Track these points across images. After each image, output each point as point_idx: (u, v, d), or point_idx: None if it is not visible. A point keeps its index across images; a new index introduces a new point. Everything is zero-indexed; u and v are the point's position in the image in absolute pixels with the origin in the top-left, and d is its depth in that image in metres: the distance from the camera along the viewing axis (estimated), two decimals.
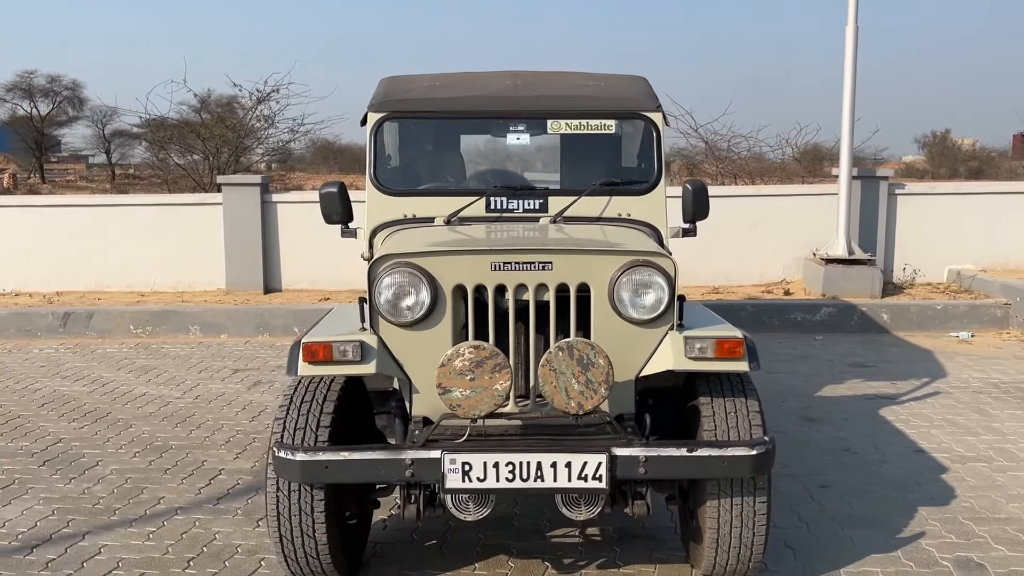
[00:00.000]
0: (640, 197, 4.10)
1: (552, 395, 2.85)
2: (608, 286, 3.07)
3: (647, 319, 3.08)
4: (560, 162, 4.74)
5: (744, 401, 3.16)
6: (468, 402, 2.84)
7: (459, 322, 3.12)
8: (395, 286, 3.04)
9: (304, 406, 3.13)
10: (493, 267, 3.06)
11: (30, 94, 39.36)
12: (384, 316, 3.07)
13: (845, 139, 8.72)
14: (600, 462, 2.87)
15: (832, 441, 5.02)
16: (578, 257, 3.09)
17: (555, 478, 2.89)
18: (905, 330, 8.06)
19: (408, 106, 4.18)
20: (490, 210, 4.01)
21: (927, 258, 9.20)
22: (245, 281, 9.13)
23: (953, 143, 34.28)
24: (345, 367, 3.02)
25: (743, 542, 3.10)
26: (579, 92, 4.35)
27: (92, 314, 8.17)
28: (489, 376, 2.83)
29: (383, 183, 4.11)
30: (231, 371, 6.83)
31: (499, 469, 2.88)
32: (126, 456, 4.87)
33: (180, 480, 4.49)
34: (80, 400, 6.02)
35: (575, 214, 3.97)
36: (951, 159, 31.83)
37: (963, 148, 33.67)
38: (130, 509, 4.11)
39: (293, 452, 2.91)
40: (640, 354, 3.12)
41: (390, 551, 3.64)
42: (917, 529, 3.80)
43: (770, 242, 9.26)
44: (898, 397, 5.91)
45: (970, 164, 30.38)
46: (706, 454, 2.90)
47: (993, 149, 32.55)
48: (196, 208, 9.38)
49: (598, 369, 2.85)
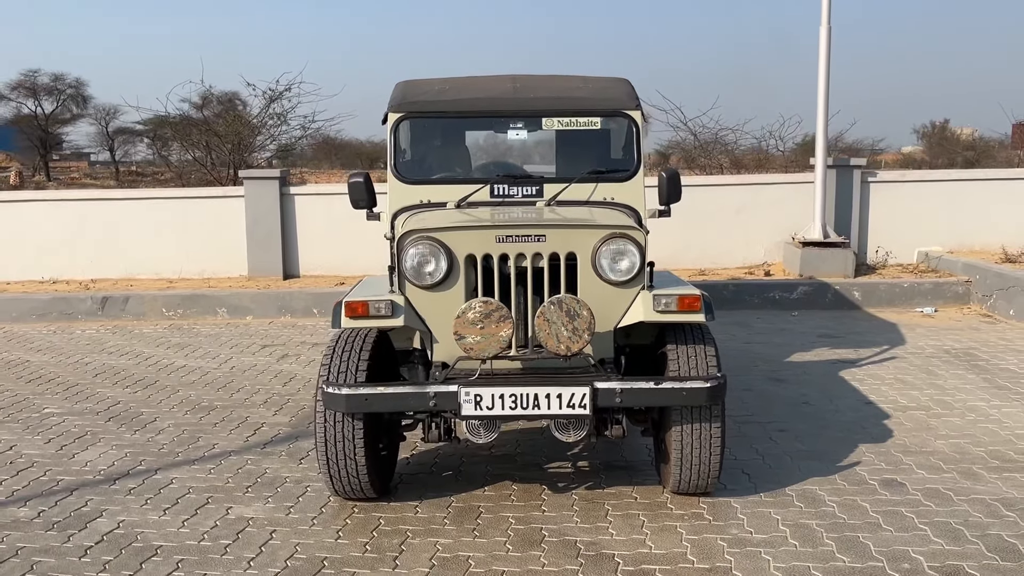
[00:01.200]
0: (622, 184, 4.81)
1: (546, 340, 3.58)
2: (591, 254, 3.80)
3: (623, 281, 3.81)
4: (556, 154, 5.45)
5: (703, 347, 3.89)
6: (479, 346, 3.57)
7: (471, 284, 3.84)
8: (419, 255, 3.77)
9: (345, 354, 3.86)
10: (498, 240, 3.78)
11: (34, 92, 39.92)
12: (410, 280, 3.79)
13: (820, 131, 9.43)
14: (584, 393, 3.60)
15: (794, 396, 5.74)
16: (567, 231, 3.82)
17: (548, 406, 3.61)
18: (875, 306, 8.78)
19: (423, 107, 4.90)
20: (494, 196, 4.73)
21: (898, 241, 9.92)
22: (266, 268, 9.86)
23: (952, 133, 34.35)
24: (379, 320, 3.75)
25: (702, 460, 3.83)
26: (570, 94, 5.06)
27: (128, 298, 8.90)
28: (495, 325, 3.56)
29: (402, 173, 4.83)
30: (260, 346, 7.56)
31: (504, 399, 3.60)
32: (179, 414, 5.60)
33: (229, 431, 5.22)
34: (128, 371, 6.75)
35: (567, 198, 4.69)
36: (949, 149, 31.99)
37: (962, 138, 33.76)
38: (191, 452, 4.85)
39: (339, 387, 3.64)
40: (618, 309, 3.85)
41: (414, 479, 4.37)
42: (854, 460, 4.53)
43: (753, 227, 9.98)
44: (858, 361, 6.63)
45: (968, 154, 30.64)
46: (669, 386, 3.63)
47: (992, 139, 32.64)
48: (219, 200, 10.11)
49: (582, 319, 3.57)
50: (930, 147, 33.80)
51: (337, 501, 4.08)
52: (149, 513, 4.01)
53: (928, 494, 4.06)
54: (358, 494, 3.97)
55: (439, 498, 4.12)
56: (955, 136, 33.93)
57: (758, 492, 4.12)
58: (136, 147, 36.43)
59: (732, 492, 4.13)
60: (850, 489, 4.14)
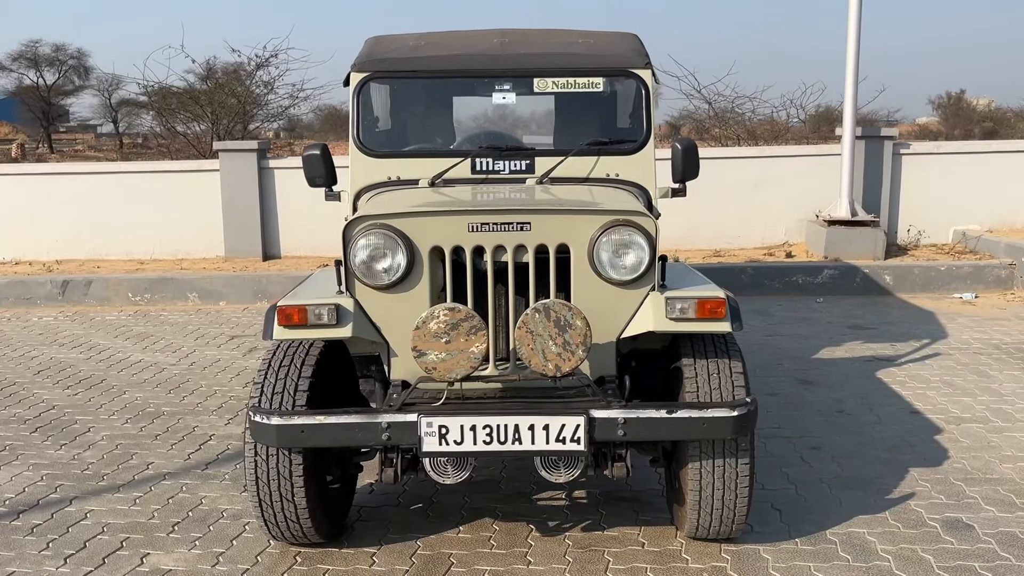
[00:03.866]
0: (628, 157, 4.03)
1: (529, 357, 2.81)
2: (588, 247, 3.02)
3: (627, 280, 3.03)
4: (554, 123, 4.66)
5: (727, 362, 3.12)
6: (444, 365, 2.80)
7: (437, 284, 3.08)
8: (370, 248, 3.00)
9: (282, 370, 3.11)
10: (471, 228, 3.01)
11: (35, 63, 39.16)
12: (360, 279, 3.03)
13: (849, 98, 8.57)
14: (578, 424, 2.84)
15: (826, 403, 4.97)
16: (557, 217, 3.04)
17: (533, 441, 2.86)
18: (908, 292, 7.97)
19: (391, 65, 4.11)
20: (476, 172, 3.96)
21: (932, 219, 9.08)
22: (244, 248, 9.10)
23: (968, 104, 33.57)
24: (321, 331, 2.99)
25: (725, 504, 3.07)
26: (566, 50, 4.26)
27: (90, 282, 8.17)
28: (465, 339, 2.79)
29: (367, 145, 4.05)
30: (227, 338, 6.83)
31: (476, 432, 2.85)
32: (117, 422, 4.87)
33: (170, 446, 4.49)
34: (76, 367, 6.02)
35: (564, 175, 3.91)
36: (966, 120, 31.20)
37: (978, 109, 32.97)
38: (118, 474, 4.12)
39: (268, 416, 2.89)
40: (621, 316, 3.07)
41: (375, 515, 3.63)
42: (907, 490, 3.77)
43: (772, 204, 9.15)
44: (896, 359, 5.85)
45: (985, 125, 29.81)
46: (686, 416, 2.87)
47: (1009, 109, 31.87)
48: (194, 175, 9.33)
49: (575, 331, 2.80)
50: (946, 118, 32.98)
51: (278, 547, 3.34)
52: (46, 562, 3.28)
53: (1004, 541, 3.30)
54: (301, 540, 3.23)
55: (403, 542, 3.38)
56: (971, 107, 33.12)
57: (792, 537, 3.37)
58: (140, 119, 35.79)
59: (760, 536, 3.37)
60: (906, 533, 3.37)
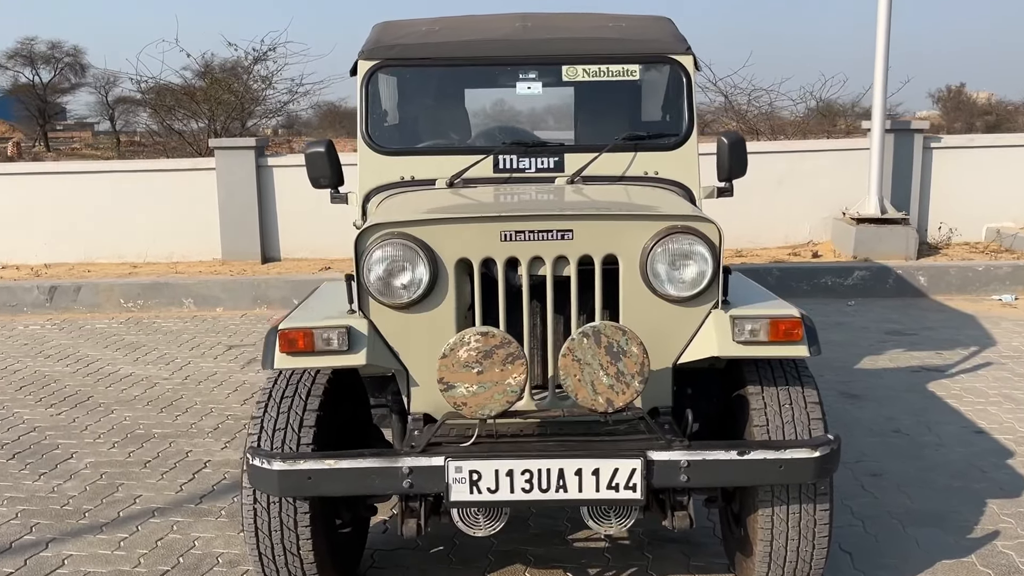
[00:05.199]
0: (669, 153, 3.62)
1: (576, 390, 2.39)
2: (640, 258, 2.59)
3: (687, 296, 2.60)
4: (574, 116, 4.25)
5: (800, 391, 2.69)
6: (475, 400, 2.38)
7: (463, 303, 2.65)
8: (387, 261, 2.57)
9: (285, 402, 2.68)
10: (503, 237, 2.58)
11: (31, 61, 38.68)
12: (375, 297, 2.60)
13: (878, 88, 8.12)
14: (634, 468, 2.41)
15: (878, 421, 4.55)
16: (604, 224, 2.60)
17: (580, 488, 2.43)
18: (944, 293, 7.54)
19: (403, 52, 3.68)
20: (498, 170, 3.54)
21: (964, 216, 8.65)
22: (242, 250, 8.67)
23: (968, 97, 33.34)
24: (330, 358, 2.56)
25: (800, 556, 2.65)
26: (598, 34, 3.84)
27: (80, 288, 7.73)
28: (500, 368, 2.37)
29: (377, 141, 3.63)
30: (225, 347, 6.40)
31: (513, 478, 2.42)
32: (104, 447, 4.44)
33: (160, 475, 4.06)
34: (61, 382, 5.60)
35: (596, 173, 3.49)
36: (967, 113, 30.92)
37: (978, 102, 32.75)
38: (102, 510, 3.69)
39: (270, 460, 2.46)
40: (678, 338, 2.65)
41: (390, 559, 3.21)
42: (989, 527, 3.34)
43: (796, 201, 8.72)
44: (946, 369, 5.42)
45: (987, 118, 29.51)
46: (760, 457, 2.44)
47: (1010, 103, 31.62)
48: (189, 174, 8.90)
49: (631, 358, 2.37)
50: (946, 111, 32.70)
51: None
52: None
53: None
54: None
55: None
56: (972, 100, 32.88)
57: None
58: (137, 116, 35.39)
59: None
60: None
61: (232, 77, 12.79)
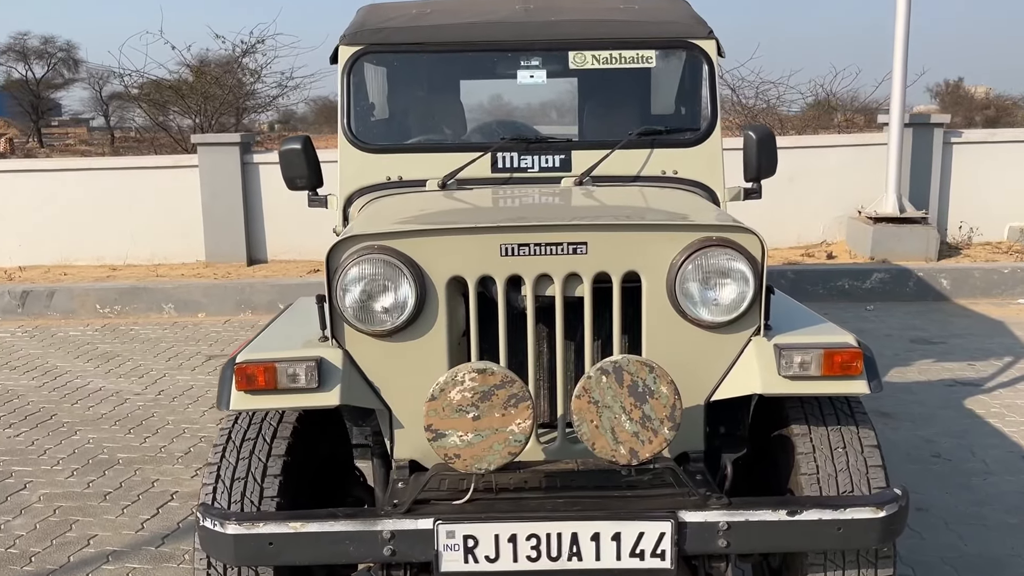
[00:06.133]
0: (689, 149, 3.22)
1: (593, 439, 1.97)
2: (668, 275, 2.17)
3: (723, 321, 2.19)
4: (579, 110, 3.84)
5: (855, 432, 2.28)
6: (471, 452, 1.96)
7: (457, 329, 2.23)
8: (365, 280, 2.15)
9: (246, 446, 2.27)
10: (504, 251, 2.16)
11: (24, 56, 38.19)
12: (351, 323, 2.18)
13: (897, 79, 7.69)
14: (663, 533, 1.99)
15: (916, 444, 4.14)
16: (624, 235, 2.18)
17: (598, 556, 2.01)
18: (967, 297, 7.13)
19: (389, 37, 3.26)
20: (497, 169, 3.14)
21: (985, 215, 8.24)
22: (226, 252, 8.24)
23: (967, 92, 33.08)
24: (296, 396, 2.14)
25: None
26: (608, 16, 3.42)
27: (53, 292, 7.30)
28: (501, 413, 1.95)
29: (360, 137, 3.22)
30: (204, 358, 5.98)
31: (517, 544, 2.00)
32: (61, 475, 4.02)
33: (121, 510, 3.64)
34: (25, 398, 5.17)
35: (606, 173, 3.07)
36: (966, 108, 30.64)
37: (977, 97, 32.50)
38: (50, 554, 3.27)
39: (223, 522, 2.04)
40: (711, 370, 2.23)
41: None
42: None
43: (809, 199, 8.29)
44: (982, 383, 5.01)
45: (986, 113, 29.21)
46: (815, 518, 2.02)
47: (1008, 97, 31.37)
48: (172, 172, 8.46)
49: (659, 400, 1.96)
50: (944, 106, 32.48)
51: None
52: None
53: None
54: None
55: None
56: (970, 95, 32.65)
57: None
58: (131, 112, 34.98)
59: None
60: None
61: (221, 71, 12.37)
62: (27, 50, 37.72)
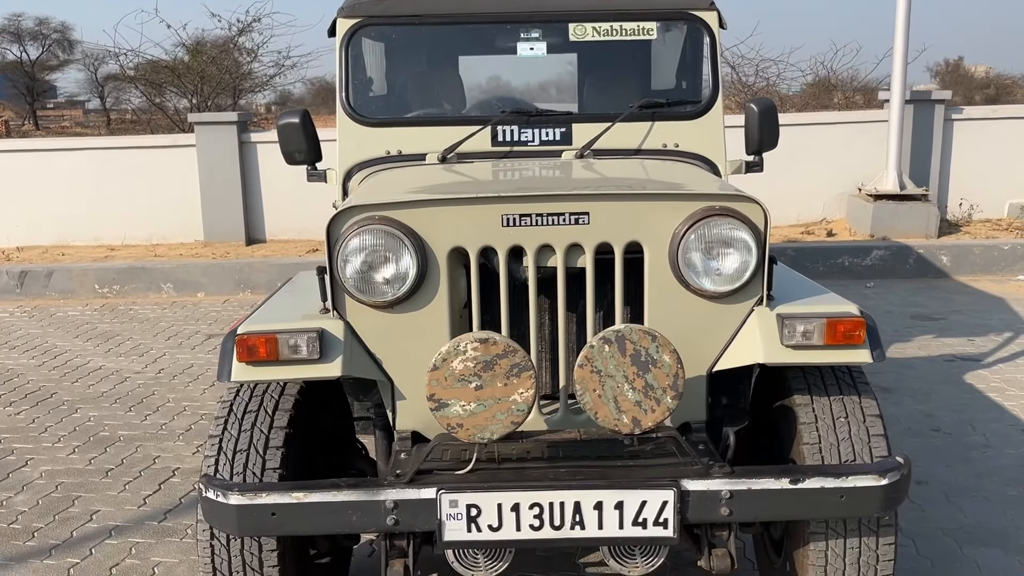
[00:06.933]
0: (691, 122, 3.20)
1: (595, 408, 1.97)
2: (670, 245, 2.16)
3: (725, 291, 2.18)
4: (578, 84, 3.81)
5: (857, 401, 2.28)
6: (473, 421, 1.96)
7: (458, 300, 2.22)
8: (366, 251, 2.14)
9: (248, 418, 2.27)
10: (505, 221, 2.15)
11: (19, 38, 37.91)
12: (352, 294, 2.17)
13: (898, 55, 7.64)
14: (665, 501, 2.00)
15: (916, 418, 4.15)
16: (627, 204, 2.17)
17: (600, 524, 2.01)
18: (968, 274, 7.13)
19: (388, 8, 3.23)
20: (497, 143, 3.12)
21: (985, 191, 8.22)
22: (225, 232, 8.22)
23: (967, 71, 32.98)
24: (297, 368, 2.13)
25: None
26: None
27: (52, 272, 7.28)
28: (503, 383, 1.94)
29: (359, 110, 3.20)
30: (204, 337, 5.97)
31: (520, 513, 2.01)
32: (63, 452, 4.02)
33: (123, 486, 3.65)
34: (24, 376, 5.17)
35: (607, 146, 3.06)
36: (966, 87, 30.54)
37: (976, 76, 32.42)
38: (53, 529, 3.28)
39: (226, 493, 2.04)
40: (713, 340, 2.22)
41: None
42: None
43: (808, 177, 8.26)
44: (982, 358, 5.02)
45: (986, 92, 29.12)
46: (817, 486, 2.02)
47: (1008, 76, 31.29)
48: (169, 151, 8.41)
49: (662, 369, 1.95)
50: (944, 85, 32.36)
51: None
52: None
53: None
54: None
55: None
56: (970, 74, 32.56)
57: None
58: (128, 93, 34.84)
59: None
60: None
61: (217, 51, 12.30)
62: (22, 31, 37.47)
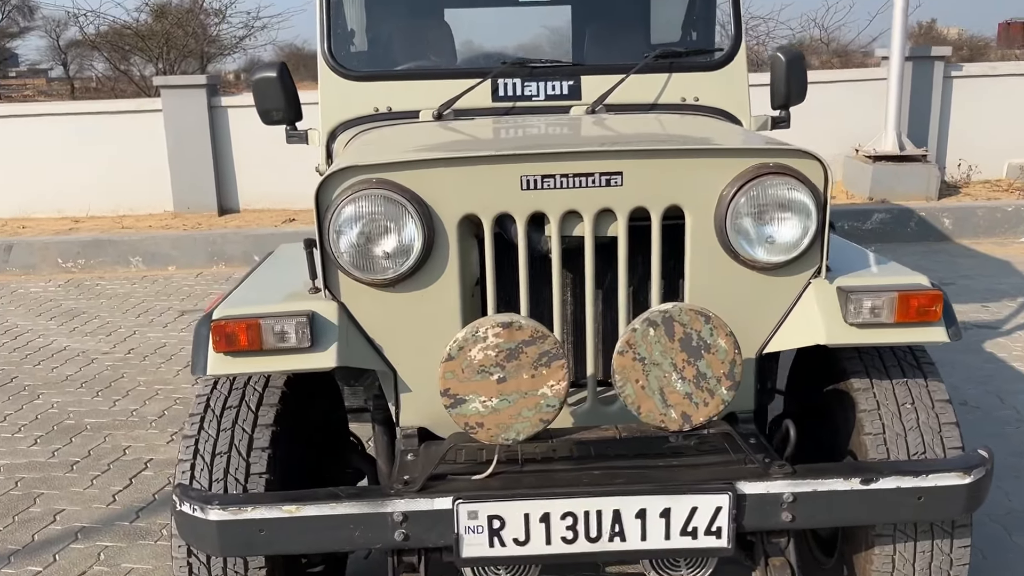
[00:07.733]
0: (712, 73, 2.89)
1: (639, 401, 1.68)
2: (717, 210, 1.86)
3: (780, 262, 1.89)
4: (573, 37, 3.51)
5: (924, 385, 2.01)
6: (496, 419, 1.66)
7: (470, 277, 1.92)
8: (363, 220, 1.82)
9: (227, 415, 1.96)
10: (524, 184, 1.84)
11: None
12: (347, 271, 1.85)
13: (899, 9, 7.33)
14: (719, 507, 1.72)
15: None
16: (666, 162, 1.86)
17: (644, 535, 1.73)
18: (970, 237, 6.91)
19: None
20: (498, 98, 2.80)
21: (984, 151, 7.97)
22: (196, 202, 7.81)
23: (939, 33, 33.00)
24: (285, 359, 1.82)
25: None
26: None
27: (11, 246, 6.87)
28: (531, 373, 1.65)
29: (342, 62, 2.85)
30: (176, 313, 5.62)
31: (550, 524, 1.72)
32: (23, 443, 3.69)
33: (89, 480, 3.33)
34: None
35: (620, 101, 2.75)
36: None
37: (949, 38, 32.45)
38: (12, 532, 2.96)
39: (204, 507, 1.73)
40: (765, 318, 1.94)
41: None
42: None
43: (804, 138, 7.79)
44: (999, 326, 4.79)
45: (960, 53, 29.09)
46: (893, 486, 1.75)
47: (980, 38, 31.30)
48: (136, 116, 7.96)
49: (717, 355, 1.66)
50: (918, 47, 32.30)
51: None
52: None
53: None
54: None
55: None
56: (943, 36, 32.58)
57: None
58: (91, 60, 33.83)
59: None
60: None
61: (183, 11, 11.76)
62: None
